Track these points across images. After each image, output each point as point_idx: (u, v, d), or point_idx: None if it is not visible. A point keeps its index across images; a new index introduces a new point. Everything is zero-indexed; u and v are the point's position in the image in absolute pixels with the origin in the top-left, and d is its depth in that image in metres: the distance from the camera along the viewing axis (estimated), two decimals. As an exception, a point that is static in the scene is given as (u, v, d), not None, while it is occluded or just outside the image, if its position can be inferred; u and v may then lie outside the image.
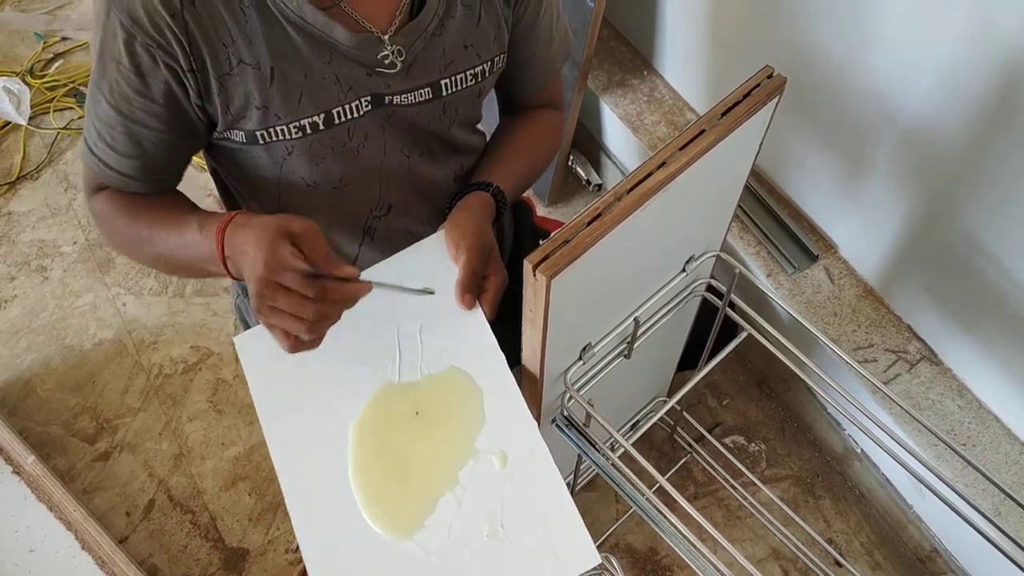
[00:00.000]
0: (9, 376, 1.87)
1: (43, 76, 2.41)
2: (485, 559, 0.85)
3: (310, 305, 0.80)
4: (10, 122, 2.30)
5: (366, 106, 0.97)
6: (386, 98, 0.98)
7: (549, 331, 0.84)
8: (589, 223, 0.77)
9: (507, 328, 1.23)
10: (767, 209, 1.57)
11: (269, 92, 0.91)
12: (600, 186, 1.99)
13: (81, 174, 0.99)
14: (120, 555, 1.54)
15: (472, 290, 0.98)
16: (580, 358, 0.99)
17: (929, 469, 0.98)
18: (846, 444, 1.60)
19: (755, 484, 1.60)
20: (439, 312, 0.97)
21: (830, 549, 1.55)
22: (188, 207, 1.01)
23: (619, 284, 0.94)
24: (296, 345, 0.84)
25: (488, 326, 0.97)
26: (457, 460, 0.90)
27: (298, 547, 1.62)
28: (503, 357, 0.95)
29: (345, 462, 0.91)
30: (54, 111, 2.34)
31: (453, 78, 1.00)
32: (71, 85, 2.39)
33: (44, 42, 2.50)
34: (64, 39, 2.53)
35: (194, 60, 0.88)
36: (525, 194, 1.77)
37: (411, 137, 1.04)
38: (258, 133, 0.94)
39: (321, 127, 0.96)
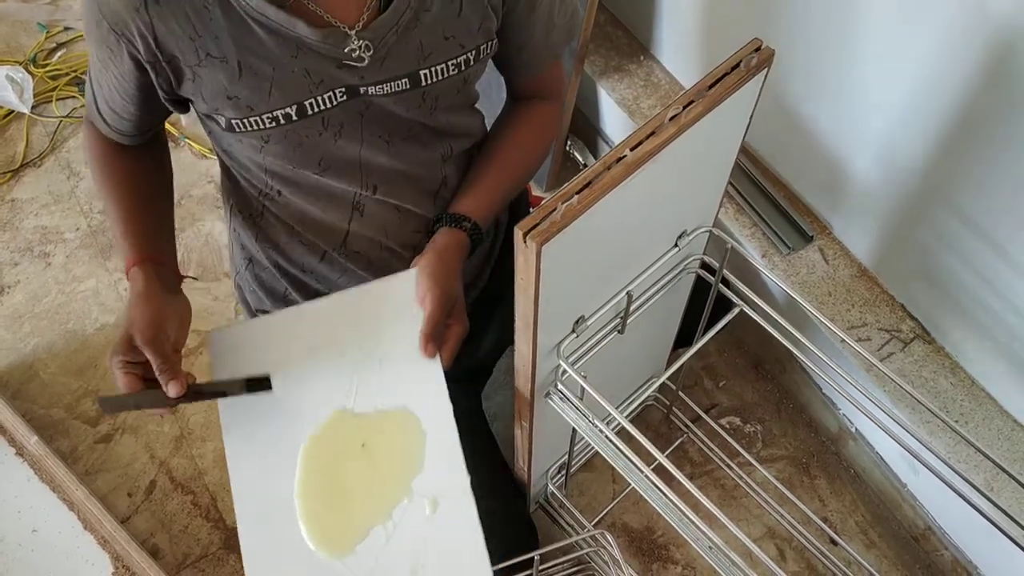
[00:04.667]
0: (12, 360, 1.88)
1: (46, 65, 2.43)
2: None
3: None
4: (13, 111, 2.32)
5: (340, 97, 0.97)
6: (360, 89, 0.98)
7: (541, 300, 0.85)
8: (579, 191, 0.78)
9: (502, 308, 1.25)
10: (762, 190, 1.59)
11: (238, 85, 0.93)
12: (598, 171, 2.00)
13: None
14: (122, 534, 1.55)
15: (435, 339, 1.01)
16: (573, 331, 1.00)
17: (923, 444, 0.99)
18: (841, 424, 1.61)
19: (751, 464, 1.61)
20: (400, 349, 1.01)
21: (825, 528, 1.57)
22: (141, 200, 1.09)
23: (611, 256, 0.95)
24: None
25: (442, 374, 1.00)
26: (392, 496, 0.95)
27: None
28: (451, 407, 0.99)
29: (293, 477, 0.96)
30: (57, 100, 2.36)
31: (433, 68, 1.00)
32: (73, 74, 2.40)
33: (47, 32, 2.51)
34: (66, 29, 2.54)
35: (161, 52, 0.91)
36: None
37: (391, 124, 1.04)
38: (233, 122, 0.97)
39: (294, 118, 0.97)
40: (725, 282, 1.14)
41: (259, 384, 0.98)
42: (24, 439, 1.66)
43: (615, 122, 1.85)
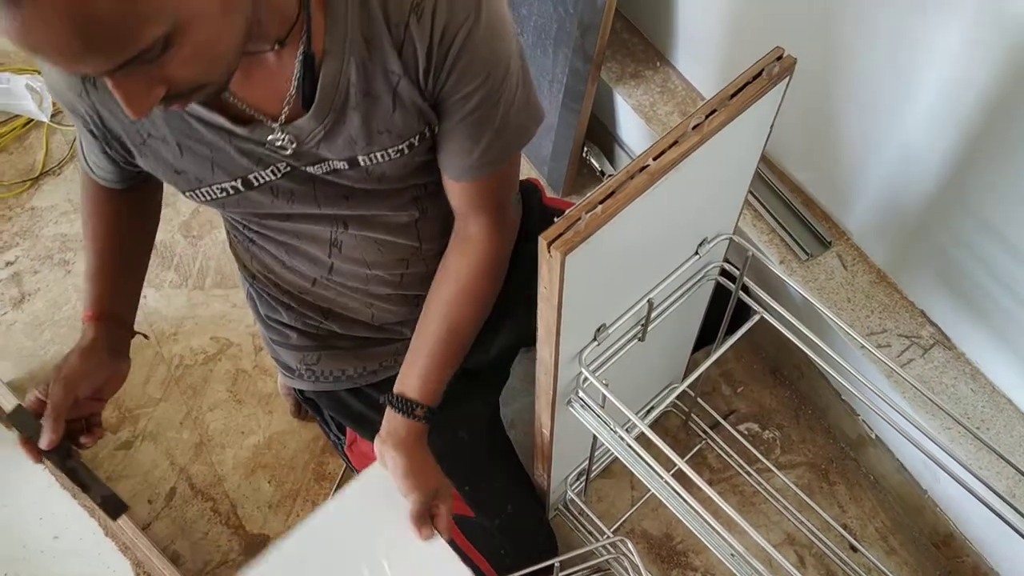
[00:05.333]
0: (33, 367, 1.90)
1: (64, 74, 2.45)
2: None
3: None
4: (33, 119, 2.34)
5: (285, 169, 0.96)
6: (303, 168, 0.97)
7: (564, 309, 0.85)
8: (603, 201, 0.78)
9: (522, 311, 1.25)
10: (779, 197, 1.59)
11: (183, 161, 0.95)
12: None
13: None
14: (143, 540, 1.56)
15: (426, 523, 1.06)
16: (595, 339, 1.00)
17: (944, 451, 0.99)
18: (860, 430, 1.61)
19: (770, 470, 1.61)
20: (400, 542, 1.05)
21: (845, 534, 1.56)
22: (117, 253, 1.13)
23: (633, 264, 0.95)
24: None
25: (446, 543, 1.05)
26: None
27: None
28: (469, 571, 1.03)
29: None
30: (75, 108, 2.38)
31: (371, 155, 0.95)
32: (91, 82, 2.42)
33: (65, 41, 2.53)
34: (84, 37, 2.56)
35: (108, 132, 0.95)
36: (534, 176, 1.77)
37: (344, 188, 1.02)
38: (185, 193, 0.99)
39: (241, 190, 0.98)
40: (744, 288, 1.14)
41: (113, 507, 1.03)
42: (46, 446, 1.67)
43: (631, 128, 1.85)
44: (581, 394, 1.07)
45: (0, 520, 1.65)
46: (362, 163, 0.96)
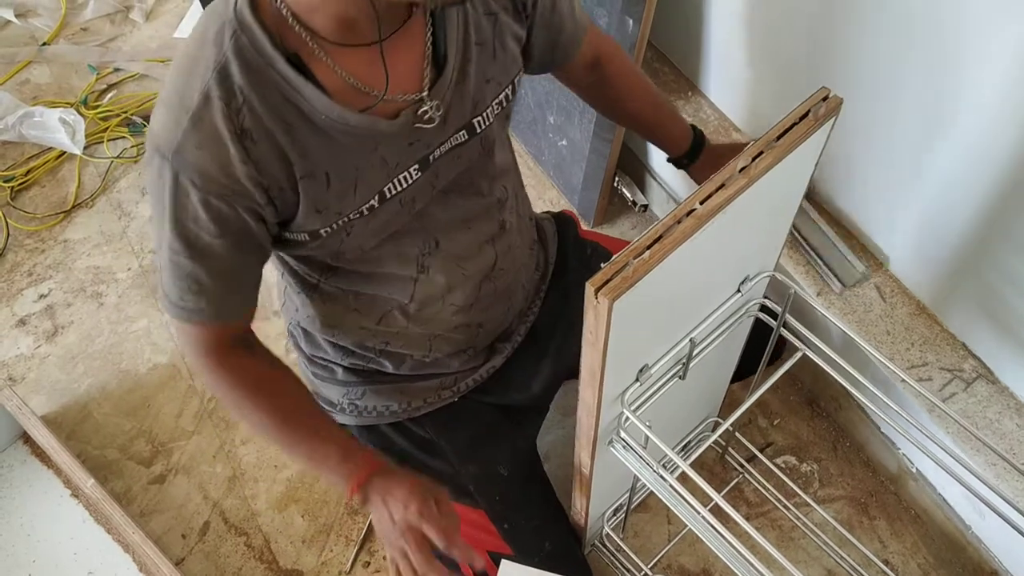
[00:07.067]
0: (67, 400, 1.91)
1: (97, 107, 2.48)
2: None
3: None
4: (66, 152, 2.37)
5: (416, 174, 1.00)
6: (430, 157, 1.00)
7: (608, 353, 0.84)
8: (649, 246, 0.77)
9: (554, 343, 1.25)
10: (816, 227, 1.57)
11: (327, 196, 0.95)
12: (646, 207, 2.00)
13: (178, 335, 1.10)
14: (178, 577, 1.56)
15: None
16: (637, 379, 0.99)
17: (990, 488, 0.97)
18: (900, 464, 1.58)
19: (808, 505, 1.59)
20: None
21: (887, 570, 1.53)
22: (318, 411, 1.12)
23: (676, 305, 0.94)
24: None
25: None
26: None
27: (351, 570, 1.63)
28: None
29: None
30: (108, 140, 2.40)
31: (483, 115, 1.04)
32: (124, 115, 2.45)
33: (97, 74, 2.56)
34: (116, 70, 2.59)
35: (269, 191, 0.93)
36: (569, 209, 1.78)
37: (457, 182, 1.08)
38: (322, 231, 0.99)
39: (376, 206, 1.00)
40: (784, 323, 1.13)
41: None
42: (80, 482, 1.67)
43: (663, 158, 1.83)
44: (623, 434, 1.05)
45: (35, 556, 1.66)
46: (477, 128, 1.04)
